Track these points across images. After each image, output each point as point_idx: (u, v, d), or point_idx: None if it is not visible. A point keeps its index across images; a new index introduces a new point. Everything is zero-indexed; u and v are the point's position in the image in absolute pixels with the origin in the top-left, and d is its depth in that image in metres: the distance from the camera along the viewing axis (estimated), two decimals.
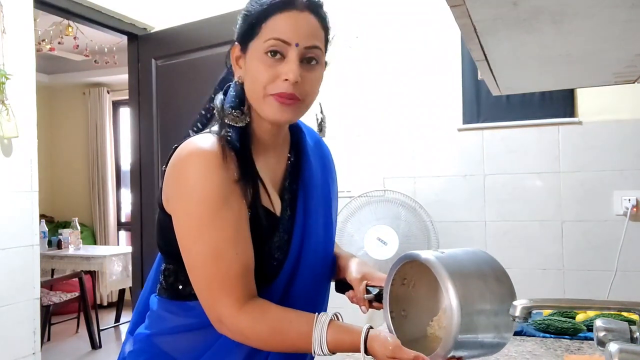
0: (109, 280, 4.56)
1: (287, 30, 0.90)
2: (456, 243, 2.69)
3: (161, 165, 3.57)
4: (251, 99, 0.94)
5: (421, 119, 2.77)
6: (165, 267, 1.01)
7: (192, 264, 0.89)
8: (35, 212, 2.43)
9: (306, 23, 0.91)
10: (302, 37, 0.90)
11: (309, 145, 1.07)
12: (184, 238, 0.90)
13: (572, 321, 1.40)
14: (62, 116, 6.30)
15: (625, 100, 2.46)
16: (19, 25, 2.37)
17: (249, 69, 0.93)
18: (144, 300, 1.08)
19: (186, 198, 0.88)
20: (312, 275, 1.01)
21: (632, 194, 2.43)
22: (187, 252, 0.90)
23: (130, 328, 1.09)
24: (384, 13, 2.82)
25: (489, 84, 1.37)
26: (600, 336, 0.88)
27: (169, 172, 0.93)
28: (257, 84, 0.91)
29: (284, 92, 0.90)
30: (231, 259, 0.87)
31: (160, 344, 0.97)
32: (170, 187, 0.92)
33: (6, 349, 2.26)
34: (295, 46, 0.90)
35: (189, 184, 0.88)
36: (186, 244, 0.90)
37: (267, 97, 0.91)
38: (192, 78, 2.87)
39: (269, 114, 0.92)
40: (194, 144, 0.90)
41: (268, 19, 0.90)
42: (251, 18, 0.93)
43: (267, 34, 0.90)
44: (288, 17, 0.90)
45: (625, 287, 2.40)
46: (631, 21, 0.77)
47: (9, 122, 2.26)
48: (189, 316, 0.95)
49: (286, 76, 0.89)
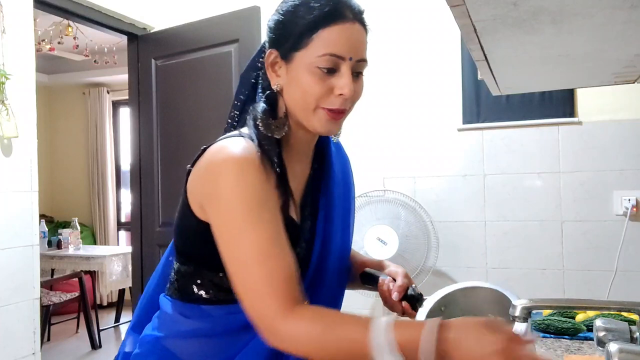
0: (109, 280, 4.56)
1: (342, 44, 0.87)
2: (456, 243, 2.69)
3: (161, 165, 3.55)
4: (296, 109, 0.92)
5: (421, 119, 2.77)
6: (180, 268, 0.97)
7: (237, 266, 0.85)
8: (35, 212, 2.43)
9: (358, 35, 0.90)
10: (355, 50, 0.89)
11: (333, 152, 1.06)
12: (227, 242, 0.85)
13: (572, 321, 1.39)
14: (62, 116, 6.29)
15: (625, 100, 2.46)
16: (19, 25, 2.37)
17: (296, 79, 0.90)
18: (149, 298, 1.06)
19: (226, 201, 0.85)
20: (331, 285, 1.01)
21: (632, 194, 2.43)
22: (230, 257, 0.85)
23: (133, 325, 1.07)
24: (384, 13, 2.82)
25: (489, 84, 1.37)
26: (600, 336, 0.89)
27: (202, 175, 0.90)
28: (309, 97, 0.89)
29: (337, 107, 0.89)
30: (277, 259, 0.83)
31: (171, 348, 0.95)
32: (206, 191, 0.88)
33: (6, 349, 2.26)
34: (349, 60, 0.88)
35: (229, 187, 0.85)
36: (229, 248, 0.85)
37: (318, 109, 0.90)
38: (192, 78, 2.87)
39: (318, 126, 0.91)
40: (229, 149, 0.87)
41: (319, 31, 0.87)
42: (297, 27, 0.89)
43: (320, 48, 0.87)
44: (342, 31, 0.88)
45: (625, 287, 2.41)
46: (631, 21, 0.77)
47: (9, 122, 2.26)
48: (204, 321, 0.93)
49: (341, 91, 0.88)
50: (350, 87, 0.88)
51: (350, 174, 1.12)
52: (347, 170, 1.11)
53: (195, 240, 0.92)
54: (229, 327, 0.91)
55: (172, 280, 0.99)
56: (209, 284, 0.93)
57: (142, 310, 1.07)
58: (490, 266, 2.65)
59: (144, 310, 1.06)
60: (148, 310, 1.05)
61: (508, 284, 2.59)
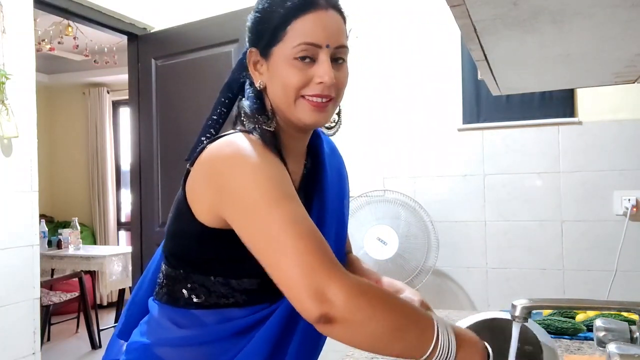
0: (109, 280, 4.56)
1: (316, 33, 0.86)
2: (456, 243, 2.69)
3: (161, 165, 3.54)
4: (280, 103, 0.90)
5: (421, 119, 2.77)
6: (170, 272, 0.94)
7: (273, 245, 0.75)
8: (35, 212, 2.43)
9: (333, 22, 0.88)
10: (331, 37, 0.87)
11: (326, 153, 1.04)
12: (255, 226, 0.78)
13: (572, 321, 1.39)
14: (62, 116, 6.29)
15: (625, 100, 2.46)
16: (19, 25, 2.37)
17: (276, 74, 0.89)
18: (138, 303, 1.02)
19: (245, 188, 0.80)
20: None
21: (632, 194, 2.43)
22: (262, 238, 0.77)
23: (119, 332, 1.02)
24: (384, 13, 2.82)
25: (489, 84, 1.37)
26: (600, 336, 0.88)
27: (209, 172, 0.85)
28: (289, 89, 0.87)
29: (319, 93, 0.87)
30: (311, 227, 0.77)
31: (162, 355, 0.90)
32: (216, 187, 0.83)
33: (6, 349, 2.26)
34: (326, 47, 0.87)
35: (246, 174, 0.80)
36: (259, 230, 0.77)
37: (299, 99, 0.88)
38: (192, 78, 2.87)
39: (303, 117, 0.89)
40: (236, 142, 0.84)
41: (292, 22, 0.86)
42: (271, 22, 0.88)
43: (295, 39, 0.86)
44: (315, 18, 0.86)
45: (625, 287, 2.40)
46: (631, 21, 0.77)
47: (9, 122, 2.26)
48: (195, 328, 0.90)
49: (321, 79, 0.86)
50: (330, 75, 0.86)
51: (345, 174, 1.10)
52: (341, 170, 1.09)
53: (190, 242, 0.89)
54: (222, 333, 0.88)
55: (162, 284, 0.96)
56: (201, 288, 0.90)
57: (130, 316, 1.02)
58: (490, 266, 2.65)
59: (133, 316, 1.02)
60: (136, 317, 1.00)
61: (508, 284, 2.59)
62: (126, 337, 0.99)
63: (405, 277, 2.55)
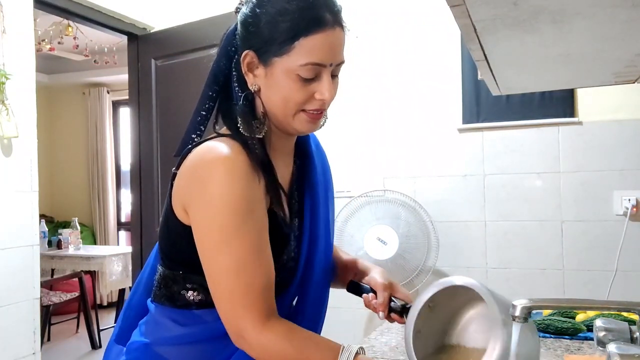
0: (109, 280, 4.56)
1: (323, 52, 0.87)
2: (456, 243, 2.69)
3: (161, 165, 3.54)
4: (277, 113, 0.91)
5: (421, 119, 2.77)
6: (167, 274, 0.95)
7: (215, 275, 0.85)
8: (35, 212, 2.43)
9: (339, 41, 0.90)
10: (335, 56, 0.90)
11: (313, 150, 1.06)
12: (207, 248, 0.86)
13: (572, 321, 1.39)
14: (62, 116, 6.29)
15: (625, 100, 2.46)
16: (19, 25, 2.37)
17: (277, 85, 0.89)
18: (134, 307, 1.02)
19: (211, 206, 0.84)
20: (319, 281, 1.01)
21: (632, 194, 2.43)
22: (209, 263, 0.86)
23: (117, 336, 1.02)
24: (384, 13, 2.82)
25: (489, 84, 1.37)
26: (600, 336, 0.88)
27: (189, 176, 0.89)
28: (290, 103, 0.89)
29: (318, 108, 0.91)
30: (255, 271, 0.84)
31: (162, 354, 0.92)
32: (191, 192, 0.87)
33: (6, 349, 2.26)
34: (329, 66, 0.89)
35: (215, 191, 0.84)
36: (209, 254, 0.86)
37: (298, 113, 0.90)
38: (192, 78, 2.86)
39: (299, 127, 0.92)
40: (218, 150, 0.86)
41: (300, 39, 0.86)
42: (277, 31, 0.86)
43: (302, 57, 0.86)
44: (324, 39, 0.87)
45: (625, 287, 2.41)
46: (631, 21, 0.76)
47: (9, 122, 2.26)
48: (196, 326, 0.92)
49: (322, 97, 0.89)
50: (331, 93, 0.90)
51: (328, 169, 1.12)
52: (325, 165, 1.10)
53: (181, 244, 0.90)
54: (222, 330, 0.88)
55: (159, 285, 0.96)
56: (200, 288, 0.91)
57: (127, 321, 1.02)
58: (490, 266, 2.65)
59: (129, 320, 1.02)
60: (133, 321, 1.01)
61: (508, 284, 2.59)
62: (124, 341, 1.00)
63: (406, 277, 2.55)
